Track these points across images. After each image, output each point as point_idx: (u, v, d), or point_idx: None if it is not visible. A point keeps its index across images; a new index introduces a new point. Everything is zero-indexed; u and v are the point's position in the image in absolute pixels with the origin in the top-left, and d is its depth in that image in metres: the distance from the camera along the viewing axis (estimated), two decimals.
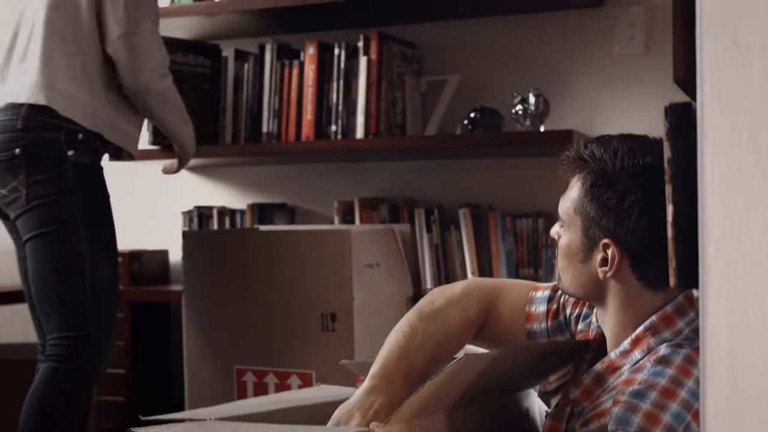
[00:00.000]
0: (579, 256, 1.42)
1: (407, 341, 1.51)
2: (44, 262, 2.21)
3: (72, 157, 2.21)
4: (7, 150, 2.19)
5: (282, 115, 2.90)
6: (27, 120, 2.19)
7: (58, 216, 2.19)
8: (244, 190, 3.20)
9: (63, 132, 2.20)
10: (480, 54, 2.92)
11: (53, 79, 2.21)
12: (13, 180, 2.19)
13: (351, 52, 2.83)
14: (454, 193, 2.93)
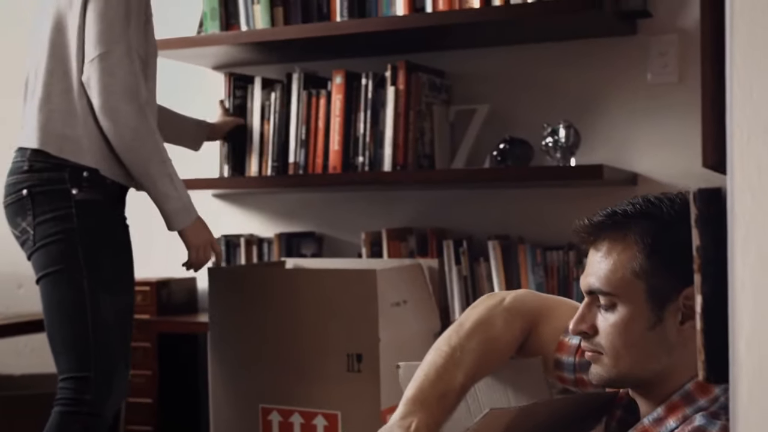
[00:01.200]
0: (648, 323, 1.33)
1: (444, 362, 1.47)
2: (49, 302, 2.23)
3: (77, 195, 2.21)
4: (16, 192, 2.24)
5: (309, 145, 2.87)
6: (32, 161, 2.22)
7: (60, 256, 2.20)
8: (271, 217, 3.17)
9: (67, 171, 2.21)
10: (510, 83, 2.87)
11: (50, 120, 2.22)
12: (22, 221, 2.23)
13: (378, 82, 2.80)
14: (484, 224, 2.88)
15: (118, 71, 2.17)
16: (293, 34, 2.80)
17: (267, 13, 2.90)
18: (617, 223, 1.38)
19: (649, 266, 1.33)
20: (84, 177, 2.21)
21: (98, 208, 2.24)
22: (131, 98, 2.18)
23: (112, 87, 2.16)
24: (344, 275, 2.33)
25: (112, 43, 2.18)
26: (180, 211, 2.28)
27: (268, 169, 2.91)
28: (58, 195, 2.20)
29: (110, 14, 2.19)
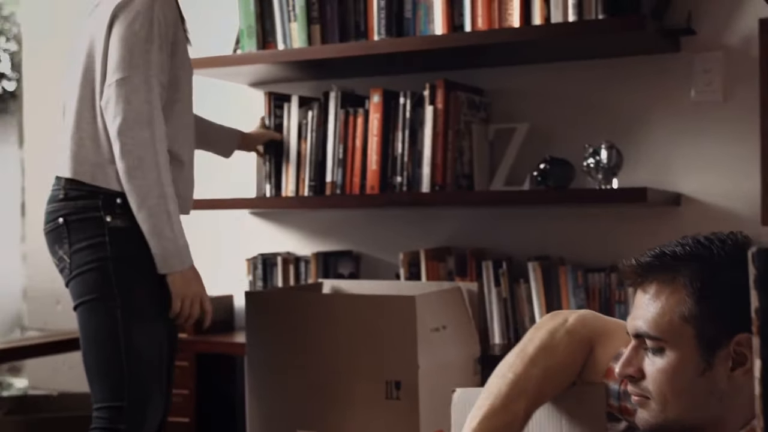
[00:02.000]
0: (697, 370, 1.30)
1: (509, 390, 1.46)
2: (84, 331, 2.22)
3: (110, 223, 2.19)
4: (53, 220, 2.24)
5: (346, 164, 2.84)
6: (67, 189, 2.22)
7: (95, 284, 2.18)
8: (308, 235, 3.15)
9: (100, 198, 2.19)
10: (550, 100, 2.83)
11: (82, 148, 2.21)
12: (59, 249, 2.23)
13: (417, 101, 2.77)
14: (524, 244, 2.84)
15: (133, 98, 2.14)
16: (330, 53, 2.78)
17: (304, 31, 2.88)
18: (666, 265, 1.34)
19: (698, 311, 1.30)
20: (117, 204, 2.19)
21: (132, 235, 2.20)
22: (143, 127, 2.13)
23: (125, 113, 2.13)
24: (383, 301, 2.30)
25: (131, 68, 2.15)
26: (173, 255, 2.19)
27: (305, 188, 2.89)
28: (92, 223, 2.19)
29: (131, 39, 2.16)
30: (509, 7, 2.65)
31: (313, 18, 2.88)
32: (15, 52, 9.56)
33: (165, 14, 2.21)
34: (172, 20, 2.24)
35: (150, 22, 2.17)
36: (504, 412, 1.44)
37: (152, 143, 2.14)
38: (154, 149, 2.14)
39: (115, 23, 2.17)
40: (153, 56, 2.17)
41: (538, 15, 2.61)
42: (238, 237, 3.22)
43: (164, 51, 2.21)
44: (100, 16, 2.21)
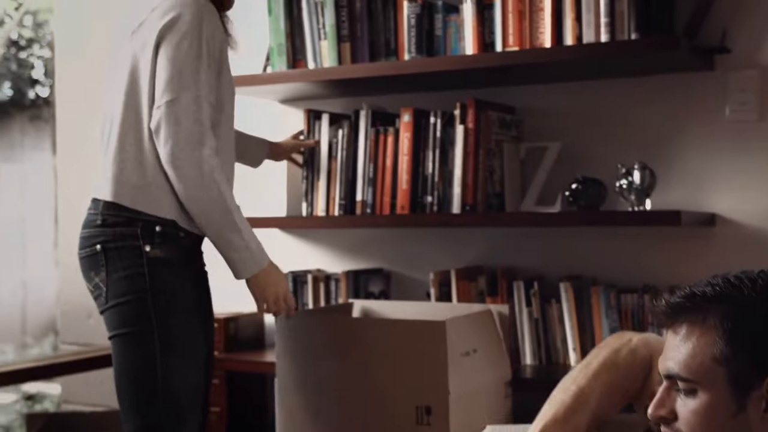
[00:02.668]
0: (730, 411, 1.28)
1: (572, 401, 1.51)
2: (119, 364, 2.19)
3: (149, 253, 2.16)
4: (90, 246, 2.20)
5: (377, 183, 2.83)
6: (105, 215, 2.18)
7: (132, 317, 2.15)
8: (339, 252, 3.14)
9: (139, 225, 2.16)
10: (582, 119, 2.80)
11: (123, 171, 2.17)
12: (95, 276, 2.19)
13: (447, 120, 2.75)
14: (555, 263, 2.82)
15: (183, 119, 2.12)
16: (361, 72, 2.77)
17: (334, 49, 2.87)
18: (696, 305, 1.34)
19: (729, 352, 1.28)
20: (157, 232, 2.16)
21: (172, 266, 2.18)
22: (194, 147, 2.12)
23: (177, 135, 2.11)
24: (413, 326, 2.28)
25: (181, 89, 2.12)
26: (247, 260, 2.21)
27: (335, 206, 2.88)
28: (130, 252, 2.16)
29: (180, 59, 2.13)
30: (540, 25, 2.63)
31: (343, 36, 2.87)
32: (49, 59, 9.65)
33: (212, 33, 2.19)
34: (219, 39, 2.23)
35: (198, 41, 2.15)
36: (566, 423, 1.48)
37: (206, 162, 2.12)
38: (210, 166, 2.12)
39: (162, 43, 2.15)
40: (202, 76, 2.15)
41: (569, 34, 2.59)
42: (269, 253, 3.22)
43: (212, 70, 2.19)
44: (144, 36, 2.18)
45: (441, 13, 2.81)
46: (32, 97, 9.00)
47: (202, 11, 2.18)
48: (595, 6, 2.56)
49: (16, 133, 9.07)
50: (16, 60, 8.76)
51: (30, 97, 9.00)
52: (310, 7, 2.92)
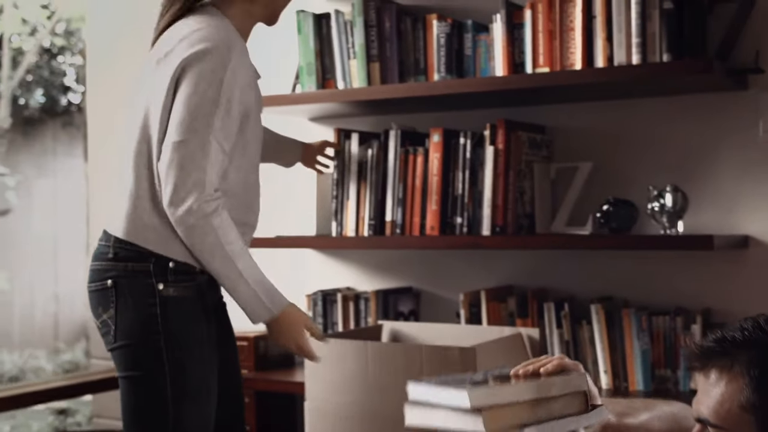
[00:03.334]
0: None
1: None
2: (128, 405, 2.10)
3: (162, 292, 2.07)
4: (100, 280, 2.10)
5: (406, 204, 2.82)
6: (117, 249, 2.09)
7: (144, 360, 2.06)
8: (368, 271, 3.14)
9: (152, 262, 2.08)
10: (614, 139, 2.78)
11: (136, 208, 2.09)
12: (104, 312, 2.09)
13: (477, 141, 2.74)
14: (586, 284, 2.80)
15: (187, 164, 2.02)
16: (390, 93, 2.76)
17: (363, 69, 2.87)
18: (725, 351, 1.32)
19: (757, 400, 1.27)
20: (170, 269, 2.08)
21: (185, 304, 2.10)
22: (192, 192, 2.01)
23: (177, 179, 2.01)
24: (443, 352, 2.27)
25: (190, 132, 2.03)
26: (257, 307, 2.10)
27: (365, 226, 2.88)
28: (142, 290, 2.07)
29: (196, 102, 2.03)
30: (571, 45, 2.62)
31: (372, 56, 2.87)
32: (80, 66, 9.71)
33: (237, 77, 2.09)
34: (245, 82, 2.13)
35: (219, 83, 2.05)
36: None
37: (202, 208, 2.02)
38: (205, 213, 2.02)
39: (183, 79, 2.05)
40: (216, 121, 2.04)
41: (600, 54, 2.57)
42: (298, 271, 3.22)
43: (231, 116, 2.08)
44: (167, 68, 2.08)
45: (470, 33, 2.80)
46: (64, 104, 9.07)
47: (231, 52, 2.08)
48: (626, 26, 2.54)
49: (48, 139, 9.14)
50: (48, 67, 8.84)
51: (62, 104, 9.07)
52: (340, 27, 2.92)
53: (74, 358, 9.11)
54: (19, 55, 8.53)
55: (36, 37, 8.52)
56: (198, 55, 2.06)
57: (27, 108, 8.85)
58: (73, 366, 9.07)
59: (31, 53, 8.45)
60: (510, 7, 2.72)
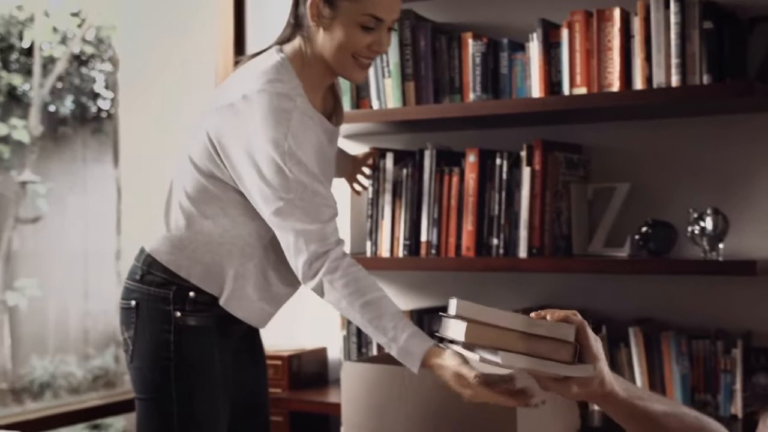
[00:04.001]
0: None
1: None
2: (138, 426, 2.16)
3: (179, 319, 2.09)
4: (126, 299, 2.15)
5: (441, 224, 2.80)
6: (145, 271, 2.12)
7: (154, 385, 2.10)
8: (403, 289, 3.12)
9: (173, 289, 2.10)
10: (652, 159, 2.74)
11: (176, 237, 2.11)
12: (125, 331, 2.14)
13: (513, 162, 2.71)
14: (624, 305, 2.77)
15: (286, 232, 2.01)
16: (425, 114, 2.75)
17: (398, 87, 2.85)
18: None
19: None
20: (190, 298, 2.09)
21: (201, 334, 2.11)
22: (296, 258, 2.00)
23: (287, 252, 2.02)
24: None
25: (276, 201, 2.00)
26: (402, 358, 1.98)
27: (400, 246, 2.86)
28: (160, 316, 2.09)
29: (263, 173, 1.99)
30: (609, 65, 2.59)
31: (407, 75, 2.85)
32: (110, 72, 9.76)
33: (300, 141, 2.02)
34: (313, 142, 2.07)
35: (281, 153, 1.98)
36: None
37: (311, 272, 2.00)
38: (312, 275, 2.00)
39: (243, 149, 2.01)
40: (291, 183, 1.98)
41: (639, 74, 2.54)
42: None
43: (302, 166, 2.01)
44: (220, 119, 2.04)
45: (506, 51, 2.78)
46: (94, 110, 9.12)
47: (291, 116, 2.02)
48: (666, 46, 2.51)
49: (78, 146, 9.19)
50: (78, 74, 8.89)
51: (92, 110, 9.12)
52: None
53: (104, 364, 9.16)
54: (50, 63, 8.58)
55: (67, 45, 8.57)
56: (257, 127, 1.99)
57: (57, 115, 8.91)
58: (103, 372, 9.12)
59: (63, 61, 8.50)
60: (546, 26, 2.70)
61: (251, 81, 2.05)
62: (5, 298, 8.32)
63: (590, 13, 2.63)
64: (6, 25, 8.06)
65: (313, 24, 2.09)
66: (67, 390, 8.72)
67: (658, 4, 2.53)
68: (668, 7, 2.51)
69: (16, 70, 8.46)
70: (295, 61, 2.11)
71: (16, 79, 8.21)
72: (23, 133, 8.11)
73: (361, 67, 2.13)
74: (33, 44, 8.36)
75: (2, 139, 8.04)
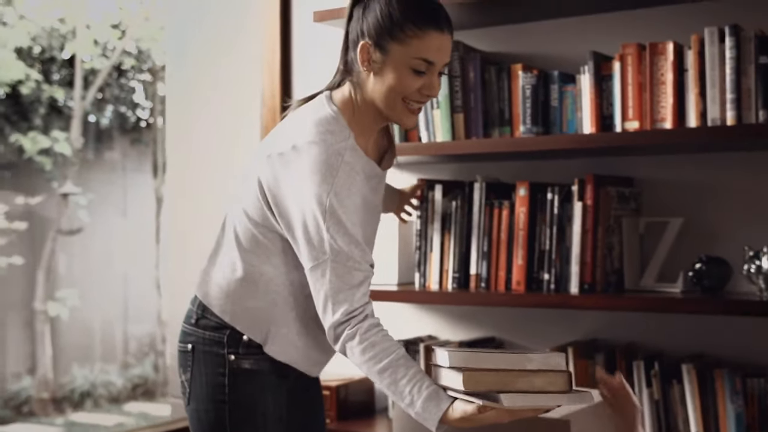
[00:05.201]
0: None
1: None
2: None
3: (233, 363, 2.12)
4: (183, 342, 2.19)
5: (491, 258, 2.79)
6: (200, 316, 2.16)
7: (208, 426, 2.13)
8: (450, 319, 3.11)
9: (226, 334, 2.13)
10: (706, 193, 2.71)
11: (224, 282, 2.14)
12: (183, 374, 2.18)
13: (565, 196, 2.69)
14: (677, 339, 2.74)
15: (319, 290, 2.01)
16: (475, 148, 2.73)
17: (447, 120, 2.84)
18: None
19: None
20: (243, 341, 2.12)
21: (255, 378, 2.13)
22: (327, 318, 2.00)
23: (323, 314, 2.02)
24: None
25: (318, 258, 2.00)
26: (422, 421, 1.95)
27: (449, 279, 2.85)
28: (215, 360, 2.13)
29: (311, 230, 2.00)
30: (662, 99, 2.56)
31: (456, 107, 2.84)
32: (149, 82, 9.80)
33: (343, 198, 2.00)
34: (357, 199, 2.05)
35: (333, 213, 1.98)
36: None
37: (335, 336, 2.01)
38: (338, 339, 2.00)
39: (301, 200, 2.00)
40: (339, 240, 1.98)
41: (693, 109, 2.52)
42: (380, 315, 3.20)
43: (350, 220, 2.01)
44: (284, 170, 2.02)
45: (557, 84, 2.76)
46: (133, 120, 9.18)
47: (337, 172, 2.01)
48: (720, 81, 2.48)
49: (118, 156, 9.26)
50: (117, 85, 8.96)
51: (131, 120, 9.18)
52: None
53: (143, 373, 9.22)
54: (90, 75, 8.65)
55: (107, 56, 8.64)
56: (304, 180, 2.00)
57: (97, 126, 8.98)
58: (143, 380, 9.19)
59: (104, 73, 8.57)
60: (598, 59, 2.67)
61: (302, 131, 2.05)
62: (47, 309, 8.41)
63: (643, 46, 2.60)
64: (48, 38, 8.15)
65: (364, 69, 2.07)
66: (107, 399, 8.80)
67: (713, 38, 2.50)
68: (723, 41, 2.48)
69: (57, 82, 8.55)
70: (346, 109, 2.11)
71: (59, 93, 8.29)
72: (65, 146, 8.20)
73: (411, 112, 2.11)
74: (74, 57, 8.45)
75: (44, 151, 8.13)
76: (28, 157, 8.16)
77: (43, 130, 8.27)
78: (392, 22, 2.02)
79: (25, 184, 8.49)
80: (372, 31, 2.04)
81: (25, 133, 8.13)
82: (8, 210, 7.96)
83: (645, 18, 2.78)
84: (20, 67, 7.88)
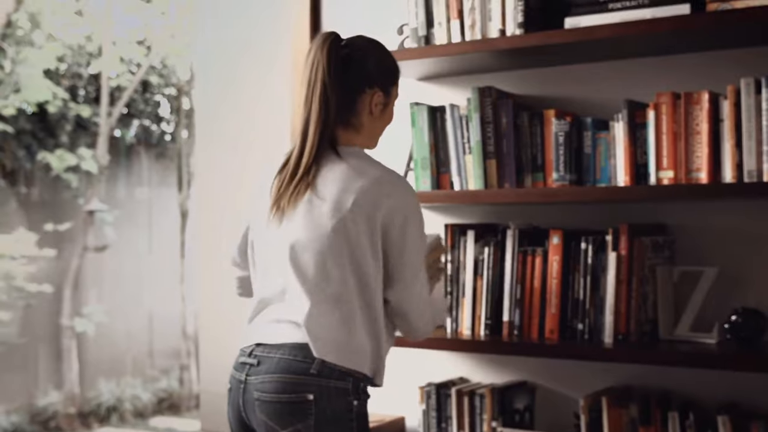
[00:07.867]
0: None
1: None
2: None
3: (357, 407, 2.26)
4: (298, 392, 2.23)
5: (524, 305, 2.78)
6: (321, 366, 2.25)
7: None
8: (482, 362, 3.10)
9: (350, 381, 2.26)
10: (742, 242, 2.68)
11: (352, 338, 2.30)
12: (298, 422, 2.22)
13: (599, 246, 2.68)
14: (711, 387, 2.72)
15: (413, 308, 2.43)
16: (507, 198, 2.72)
17: (479, 165, 2.83)
18: None
19: None
20: (361, 388, 2.29)
21: (366, 419, 2.31)
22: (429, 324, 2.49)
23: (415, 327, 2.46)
24: None
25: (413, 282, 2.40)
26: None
27: (481, 326, 2.84)
28: (341, 406, 2.24)
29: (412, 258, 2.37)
30: (697, 149, 2.54)
31: (488, 153, 2.83)
32: (174, 97, 9.84)
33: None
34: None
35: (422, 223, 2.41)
36: None
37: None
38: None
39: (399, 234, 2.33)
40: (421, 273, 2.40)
41: (728, 160, 2.49)
42: (412, 356, 3.20)
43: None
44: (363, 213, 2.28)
45: (590, 131, 2.74)
46: (158, 134, 9.22)
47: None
48: (757, 132, 2.46)
49: (143, 170, 9.30)
50: (142, 100, 9.00)
51: (156, 134, 9.22)
52: (455, 121, 2.89)
53: (169, 387, 9.25)
54: (116, 91, 8.69)
55: (133, 72, 8.67)
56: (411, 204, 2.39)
57: (123, 141, 9.03)
58: (168, 394, 9.22)
59: (130, 89, 8.61)
60: (632, 107, 2.66)
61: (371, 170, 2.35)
62: (73, 325, 8.46)
63: (678, 95, 2.58)
64: (74, 56, 8.19)
65: (369, 113, 2.42)
66: (133, 413, 8.84)
67: (749, 89, 2.48)
68: (759, 92, 2.46)
69: (83, 98, 8.59)
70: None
71: (85, 110, 8.33)
72: (91, 164, 8.24)
73: None
74: (100, 73, 8.49)
75: (71, 168, 8.17)
76: (55, 175, 8.20)
77: (69, 147, 8.31)
78: (394, 68, 2.45)
79: (52, 202, 8.53)
80: (379, 79, 2.41)
81: (52, 151, 8.18)
82: (38, 239, 7.98)
83: (679, 64, 2.76)
84: (47, 85, 7.93)
